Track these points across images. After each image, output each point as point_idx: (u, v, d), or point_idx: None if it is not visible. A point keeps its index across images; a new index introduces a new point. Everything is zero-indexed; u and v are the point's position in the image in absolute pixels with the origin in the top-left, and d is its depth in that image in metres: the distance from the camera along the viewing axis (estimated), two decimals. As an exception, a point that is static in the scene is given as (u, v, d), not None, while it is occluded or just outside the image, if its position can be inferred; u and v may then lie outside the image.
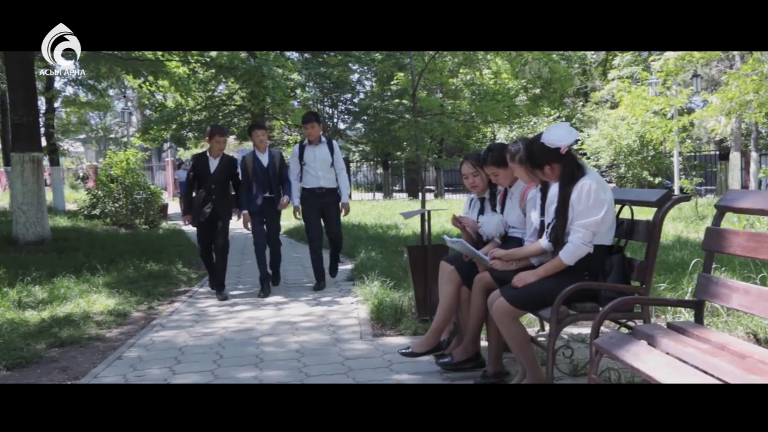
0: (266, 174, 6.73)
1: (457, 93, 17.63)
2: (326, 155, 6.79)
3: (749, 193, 3.06)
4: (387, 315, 5.30)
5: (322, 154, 6.78)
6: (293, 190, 6.81)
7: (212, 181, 6.55)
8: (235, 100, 21.32)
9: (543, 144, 3.34)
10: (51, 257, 8.85)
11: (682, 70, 14.61)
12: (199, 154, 6.84)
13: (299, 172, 6.82)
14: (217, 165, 6.58)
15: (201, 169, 6.59)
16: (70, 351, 4.82)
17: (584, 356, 3.91)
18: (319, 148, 6.80)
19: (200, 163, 6.63)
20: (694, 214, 12.91)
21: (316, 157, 6.75)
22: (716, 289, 2.84)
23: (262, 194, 6.72)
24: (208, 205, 6.50)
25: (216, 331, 5.26)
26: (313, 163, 6.75)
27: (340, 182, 6.92)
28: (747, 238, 2.76)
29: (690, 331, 2.76)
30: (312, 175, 6.77)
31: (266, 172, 6.74)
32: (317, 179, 6.76)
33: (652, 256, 3.33)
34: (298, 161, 6.79)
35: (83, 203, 15.88)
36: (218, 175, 6.58)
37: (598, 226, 3.27)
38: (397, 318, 5.22)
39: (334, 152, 6.85)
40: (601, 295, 3.31)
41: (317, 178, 6.76)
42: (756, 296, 2.61)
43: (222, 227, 6.67)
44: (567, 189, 3.32)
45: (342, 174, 6.95)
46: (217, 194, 6.57)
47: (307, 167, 6.77)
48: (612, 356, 2.69)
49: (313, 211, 6.82)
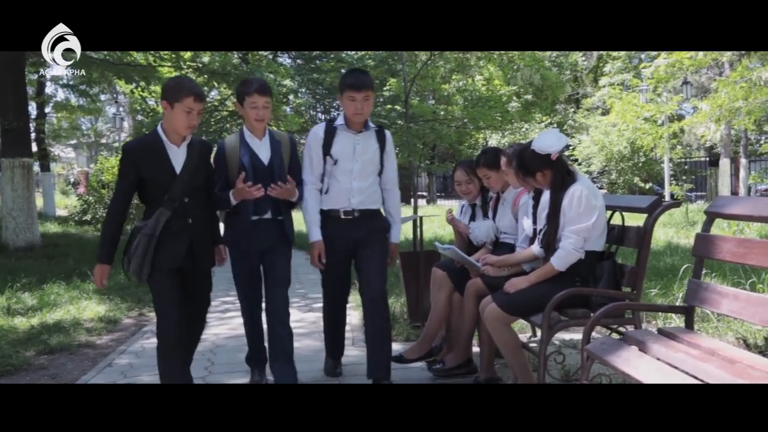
0: (267, 175, 3.66)
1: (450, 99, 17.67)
2: (374, 152, 3.78)
3: (738, 200, 3.09)
4: (379, 321, 5.27)
5: (367, 150, 3.76)
6: (310, 208, 3.76)
7: (181, 189, 3.32)
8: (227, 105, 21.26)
9: (534, 151, 3.36)
10: (41, 263, 8.81)
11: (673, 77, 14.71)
12: (139, 142, 3.46)
13: (321, 175, 3.77)
14: (186, 158, 3.35)
15: (151, 170, 3.30)
16: (60, 358, 4.79)
17: (575, 362, 3.92)
18: (364, 138, 3.76)
19: (147, 159, 3.30)
20: (684, 220, 12.98)
21: (355, 153, 3.73)
22: (706, 294, 2.86)
23: (259, 210, 3.69)
24: (183, 239, 3.35)
25: (207, 337, 5.22)
26: (349, 163, 3.73)
27: (389, 204, 3.93)
28: (736, 244, 2.78)
29: (680, 337, 2.77)
30: (342, 185, 3.73)
31: (267, 172, 3.68)
32: (349, 194, 3.73)
33: (642, 262, 3.35)
34: (321, 155, 3.73)
35: (74, 209, 15.82)
36: (191, 176, 3.35)
37: (590, 232, 3.28)
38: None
39: (385, 149, 3.83)
40: (592, 300, 3.32)
41: (349, 191, 3.73)
42: (745, 302, 2.62)
43: (203, 292, 3.60)
44: (558, 195, 3.34)
45: (395, 191, 3.94)
46: (194, 218, 3.39)
47: (336, 170, 3.73)
48: (603, 362, 2.70)
49: (338, 253, 3.78)
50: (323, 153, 3.72)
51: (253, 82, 3.69)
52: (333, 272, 3.85)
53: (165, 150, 3.33)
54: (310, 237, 3.74)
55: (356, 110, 3.64)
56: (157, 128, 3.37)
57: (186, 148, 3.37)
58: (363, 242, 3.77)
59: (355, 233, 3.75)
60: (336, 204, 3.75)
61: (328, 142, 3.72)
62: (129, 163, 3.33)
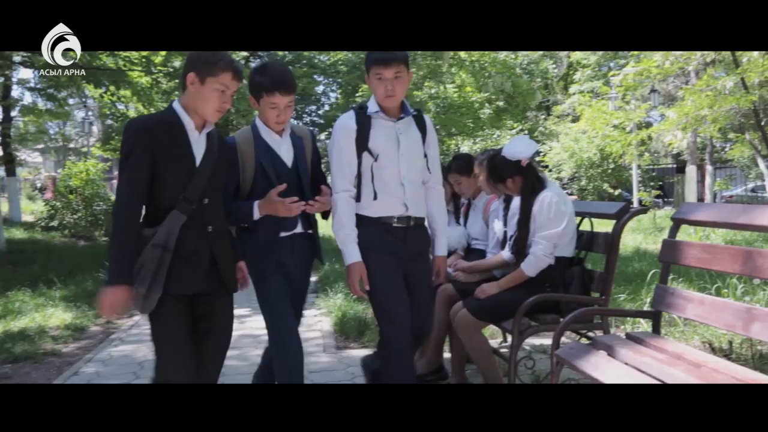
0: (293, 180, 2.93)
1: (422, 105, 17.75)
2: (418, 143, 3.02)
3: (703, 206, 3.15)
4: (350, 327, 5.28)
5: (411, 140, 3.00)
6: (345, 221, 2.90)
7: (200, 187, 2.54)
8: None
9: (504, 157, 3.40)
10: (5, 270, 8.62)
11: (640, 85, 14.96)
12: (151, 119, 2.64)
13: (356, 176, 2.94)
14: (206, 149, 2.59)
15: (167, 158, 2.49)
16: (24, 367, 4.69)
17: (546, 367, 3.94)
18: (405, 126, 2.99)
19: (163, 142, 2.49)
20: (652, 226, 13.19)
21: (400, 145, 2.95)
22: (672, 299, 2.90)
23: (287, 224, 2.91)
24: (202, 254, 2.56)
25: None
26: (394, 158, 2.93)
27: (434, 207, 3.13)
28: (701, 250, 2.83)
29: (648, 342, 2.81)
30: (391, 187, 2.94)
31: (293, 176, 2.94)
32: (402, 197, 2.94)
33: (611, 268, 3.39)
34: (356, 152, 2.93)
35: (41, 214, 15.54)
36: (212, 172, 2.60)
37: (559, 237, 3.32)
38: (361, 330, 5.20)
39: (426, 138, 3.06)
40: (562, 306, 3.35)
41: (401, 194, 2.94)
42: (710, 306, 2.67)
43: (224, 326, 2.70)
44: (528, 201, 3.37)
45: (439, 190, 3.17)
46: (215, 225, 2.61)
47: (378, 168, 2.93)
48: (572, 367, 2.73)
49: (393, 270, 2.94)
50: (358, 149, 2.92)
51: (274, 75, 2.85)
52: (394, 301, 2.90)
53: (186, 134, 2.53)
54: (348, 258, 2.88)
55: (386, 91, 2.86)
56: (174, 105, 2.56)
57: (206, 137, 2.59)
58: (414, 262, 2.99)
59: (409, 248, 2.96)
60: (386, 210, 2.92)
61: (363, 135, 2.92)
62: (142, 146, 2.43)
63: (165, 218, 2.46)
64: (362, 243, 2.89)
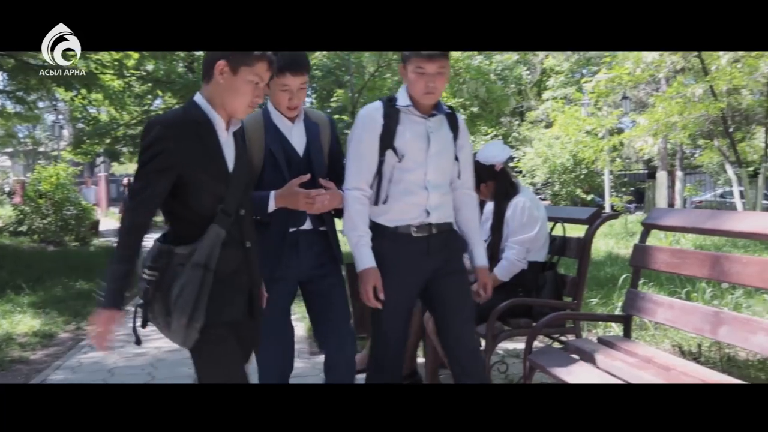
0: (304, 170, 2.64)
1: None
2: (450, 144, 2.71)
3: (673, 212, 3.20)
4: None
5: (442, 141, 2.68)
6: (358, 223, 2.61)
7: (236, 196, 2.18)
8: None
9: (478, 162, 3.41)
10: (-28, 276, 8.44)
11: (612, 92, 15.18)
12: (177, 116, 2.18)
13: (375, 176, 2.65)
14: (235, 150, 2.23)
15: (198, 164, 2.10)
16: (-9, 375, 4.59)
17: (518, 371, 3.96)
18: (437, 125, 2.68)
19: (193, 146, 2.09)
20: (624, 231, 13.34)
21: (430, 145, 2.64)
22: (643, 304, 2.94)
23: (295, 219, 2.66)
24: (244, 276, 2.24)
25: (148, 351, 5.07)
26: (421, 160, 2.63)
27: (466, 216, 2.84)
28: (671, 255, 2.88)
29: (619, 345, 2.84)
30: (413, 192, 2.64)
31: (303, 165, 2.69)
32: (424, 202, 2.64)
33: (583, 272, 3.43)
34: (378, 149, 2.63)
35: (8, 219, 15.23)
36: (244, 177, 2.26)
37: (532, 242, 3.34)
38: (335, 335, 5.16)
39: (458, 140, 2.75)
40: (534, 310, 3.37)
41: (424, 200, 2.64)
42: (680, 310, 2.71)
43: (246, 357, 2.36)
44: (501, 206, 3.39)
45: (472, 196, 2.87)
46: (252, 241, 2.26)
47: (401, 169, 2.63)
48: (545, 371, 2.75)
49: (407, 286, 2.69)
50: (382, 146, 2.61)
51: (284, 55, 2.54)
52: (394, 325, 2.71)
53: (215, 134, 2.16)
54: (359, 264, 2.60)
55: (427, 88, 2.56)
56: (198, 100, 2.19)
57: (233, 136, 2.24)
58: (442, 274, 2.70)
59: (433, 260, 2.67)
60: (404, 217, 2.63)
61: (389, 130, 2.60)
62: (168, 151, 2.05)
63: (198, 234, 2.08)
64: (376, 259, 2.60)
